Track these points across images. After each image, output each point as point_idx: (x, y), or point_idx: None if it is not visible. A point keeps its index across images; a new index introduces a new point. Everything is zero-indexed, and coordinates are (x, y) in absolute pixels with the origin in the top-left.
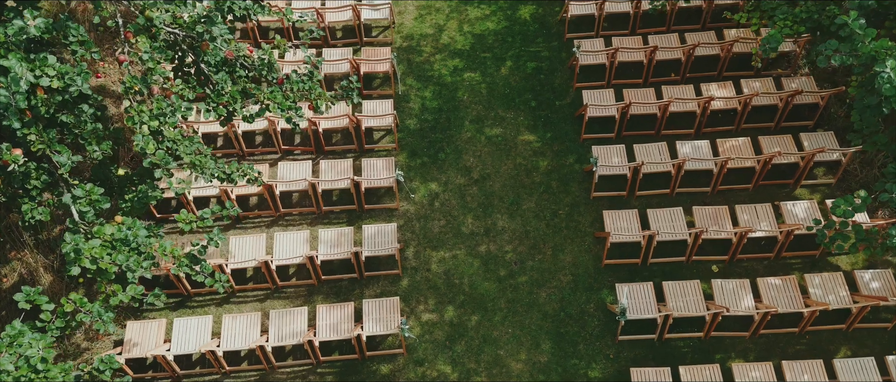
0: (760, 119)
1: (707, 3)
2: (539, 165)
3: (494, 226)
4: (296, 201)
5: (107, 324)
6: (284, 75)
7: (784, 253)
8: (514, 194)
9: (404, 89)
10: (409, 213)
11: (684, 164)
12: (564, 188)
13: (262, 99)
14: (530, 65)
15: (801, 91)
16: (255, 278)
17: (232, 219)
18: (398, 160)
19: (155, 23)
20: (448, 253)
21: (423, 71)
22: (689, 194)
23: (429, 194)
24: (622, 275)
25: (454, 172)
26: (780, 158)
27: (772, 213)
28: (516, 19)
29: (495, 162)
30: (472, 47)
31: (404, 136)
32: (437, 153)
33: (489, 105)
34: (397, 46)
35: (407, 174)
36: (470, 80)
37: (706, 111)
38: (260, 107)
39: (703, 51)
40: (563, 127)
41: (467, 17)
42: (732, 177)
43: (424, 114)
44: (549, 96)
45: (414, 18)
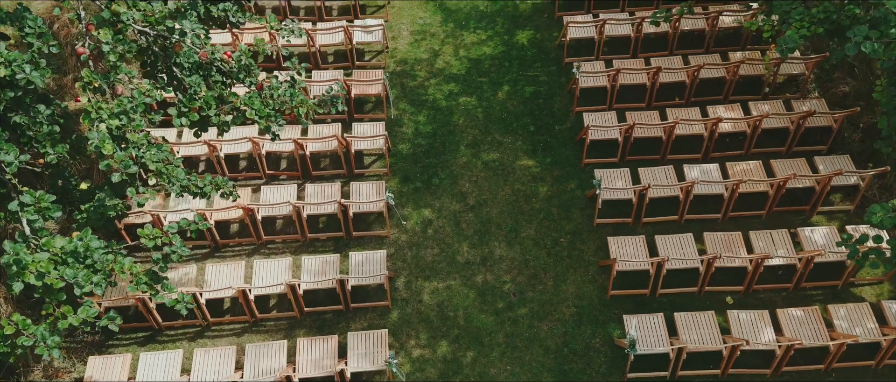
0: (771, 143)
1: (710, 26)
2: (539, 190)
3: (492, 255)
4: (279, 228)
5: (50, 349)
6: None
7: (804, 283)
8: (513, 221)
9: (397, 114)
10: (400, 241)
11: (693, 188)
12: (566, 215)
13: (239, 105)
14: (528, 89)
15: (814, 112)
16: (233, 310)
17: (210, 246)
18: (390, 185)
19: (122, 18)
20: (442, 284)
21: (418, 95)
22: (699, 222)
23: (422, 220)
24: (629, 307)
25: (449, 198)
26: (794, 181)
27: (789, 240)
28: (513, 44)
29: (492, 188)
30: (468, 72)
31: (396, 161)
32: (431, 178)
33: (486, 129)
34: (390, 70)
35: (399, 200)
36: (466, 104)
37: (714, 134)
38: (235, 114)
39: (708, 73)
40: (563, 152)
41: (463, 42)
42: (744, 203)
43: (418, 138)
44: (549, 121)
45: (408, 43)
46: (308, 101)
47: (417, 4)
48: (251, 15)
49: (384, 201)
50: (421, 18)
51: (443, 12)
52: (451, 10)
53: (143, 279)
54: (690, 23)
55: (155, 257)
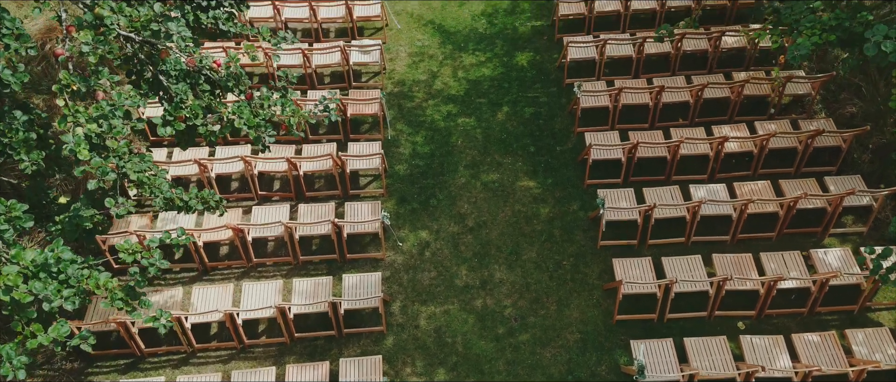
0: (779, 164)
1: (712, 47)
2: (540, 212)
3: (491, 278)
4: (270, 250)
5: (17, 370)
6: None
7: (818, 308)
8: (513, 244)
9: (394, 134)
10: (396, 263)
11: (700, 208)
12: (568, 237)
13: (227, 115)
14: (528, 110)
15: (823, 131)
16: (220, 335)
17: (198, 269)
18: (386, 206)
19: (105, 22)
20: (439, 308)
21: (415, 116)
22: (706, 244)
23: (418, 242)
24: (636, 332)
25: (447, 219)
26: (805, 202)
27: (801, 262)
28: (513, 66)
29: (492, 209)
30: (467, 93)
31: (393, 182)
32: (429, 200)
33: (485, 150)
34: (388, 91)
35: (395, 222)
36: (464, 125)
37: (720, 154)
38: (223, 124)
39: (712, 93)
40: (564, 173)
41: (462, 64)
42: (753, 224)
43: (415, 159)
44: (549, 142)
45: (406, 65)
46: (300, 110)
47: (416, 26)
48: (242, 26)
49: (380, 220)
50: (419, 40)
51: (441, 34)
52: (450, 32)
53: (119, 294)
54: (693, 43)
55: (132, 271)
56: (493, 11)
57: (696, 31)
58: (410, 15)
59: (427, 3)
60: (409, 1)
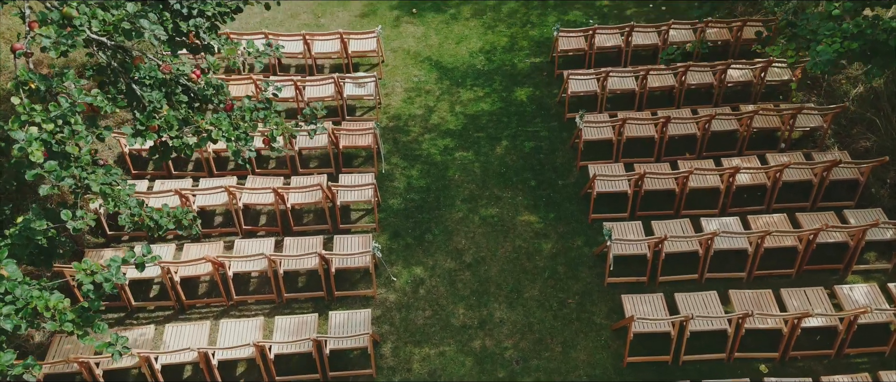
0: (793, 198)
1: (718, 80)
2: (542, 247)
3: (491, 317)
4: (253, 287)
5: None
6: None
7: (847, 349)
8: (514, 281)
9: (388, 168)
10: (388, 301)
11: (713, 241)
12: (573, 274)
13: (204, 126)
14: (528, 144)
15: (839, 161)
16: (194, 379)
17: (174, 307)
18: (378, 242)
19: (74, 23)
20: (434, 350)
21: (411, 150)
22: (721, 281)
23: (412, 279)
24: (649, 375)
25: (443, 255)
26: (826, 235)
27: (826, 299)
28: (512, 101)
29: (491, 244)
30: (465, 127)
31: (386, 216)
32: (424, 234)
33: (483, 184)
34: (383, 126)
35: (388, 258)
36: (462, 158)
37: (731, 187)
38: (200, 136)
39: (720, 125)
40: (567, 207)
41: (459, 99)
42: (770, 260)
43: (410, 193)
44: (551, 176)
45: (402, 99)
46: (285, 123)
47: (412, 63)
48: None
49: (371, 253)
50: (416, 76)
51: (438, 70)
52: (447, 67)
53: (69, 316)
54: (697, 77)
55: (85, 289)
56: (491, 48)
57: (701, 64)
58: (407, 52)
59: (424, 41)
60: (405, 38)
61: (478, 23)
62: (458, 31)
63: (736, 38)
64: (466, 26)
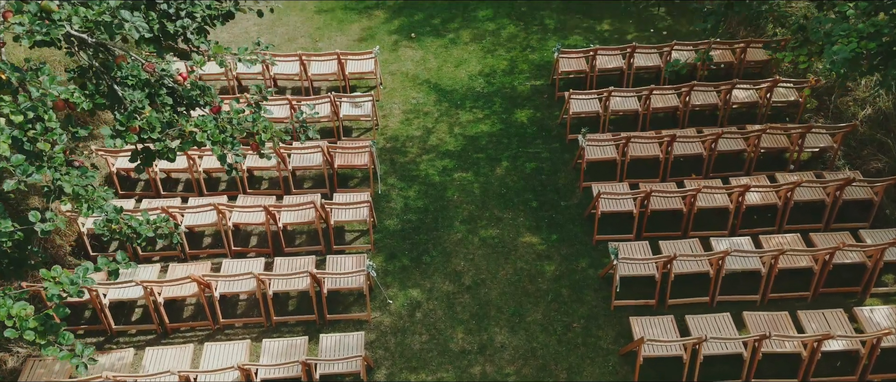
0: (805, 219)
1: (722, 101)
2: (545, 270)
3: (491, 342)
4: (241, 310)
5: None
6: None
7: (870, 376)
8: (516, 304)
9: (385, 189)
10: (382, 325)
11: (725, 261)
12: (578, 297)
13: (187, 128)
14: (529, 165)
15: (853, 179)
16: None
17: (157, 331)
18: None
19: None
20: (431, 376)
21: (408, 171)
22: (733, 304)
23: (409, 302)
24: None
25: (441, 277)
26: (842, 256)
27: (846, 321)
28: (512, 122)
29: (491, 266)
30: (464, 148)
31: (382, 237)
32: (421, 256)
33: (483, 205)
34: (380, 147)
35: (383, 280)
36: (461, 179)
37: (741, 207)
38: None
39: (726, 145)
40: (570, 229)
41: (458, 121)
42: (784, 283)
43: (407, 214)
44: (553, 197)
45: (400, 121)
46: (274, 126)
47: (411, 85)
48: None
49: (365, 272)
50: (414, 98)
51: (437, 92)
52: (446, 90)
53: (31, 324)
54: (702, 97)
55: (49, 294)
56: (491, 72)
57: (705, 84)
58: (405, 75)
59: (422, 64)
60: (403, 62)
61: (477, 47)
62: (457, 55)
63: (739, 60)
64: (465, 50)
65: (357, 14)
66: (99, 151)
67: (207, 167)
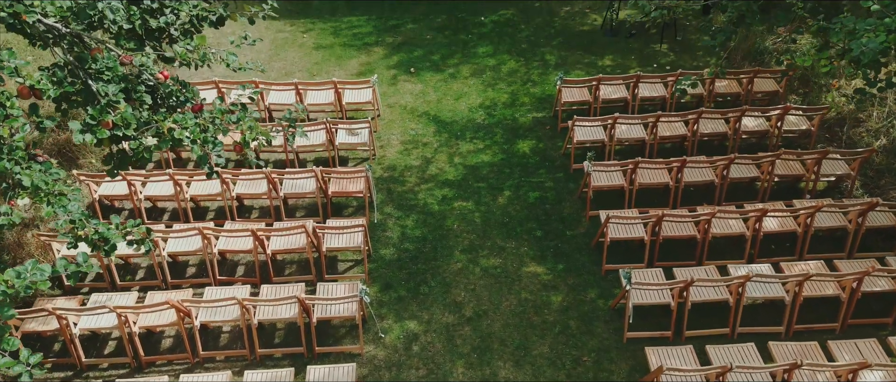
0: (826, 248)
1: (732, 131)
2: (551, 300)
3: (495, 377)
4: (223, 343)
5: None
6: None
7: None
8: (521, 337)
9: (381, 218)
10: (376, 359)
11: (745, 288)
12: (587, 329)
13: (165, 125)
14: (533, 195)
15: (877, 202)
16: None
17: (131, 365)
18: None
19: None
20: None
21: (406, 200)
22: (756, 336)
23: (405, 335)
24: None
25: (440, 308)
26: (871, 282)
27: (881, 351)
28: (514, 152)
29: (494, 297)
30: (464, 177)
31: (377, 267)
32: (419, 286)
33: (484, 234)
34: (377, 176)
35: (378, 311)
36: (461, 208)
37: (758, 234)
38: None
39: (739, 172)
40: (578, 258)
41: (458, 151)
42: (810, 314)
43: (404, 243)
44: (558, 226)
45: (398, 151)
46: (260, 127)
47: (410, 117)
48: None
49: (358, 298)
50: (413, 129)
51: (436, 124)
52: (446, 121)
53: None
54: (710, 126)
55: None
56: (491, 104)
57: (714, 111)
58: (403, 107)
59: (422, 97)
60: (402, 95)
61: (477, 81)
62: (457, 89)
63: (747, 91)
64: (465, 84)
65: (356, 50)
66: (80, 176)
67: (195, 194)
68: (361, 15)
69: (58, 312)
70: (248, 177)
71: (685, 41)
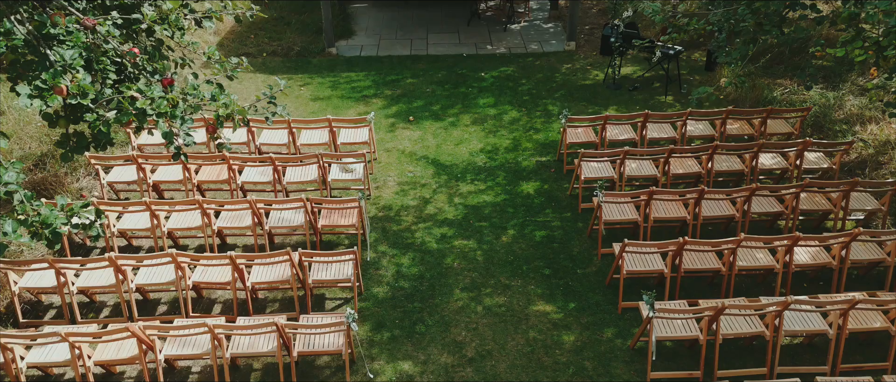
0: (863, 285)
1: (748, 168)
2: (563, 340)
3: None
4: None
5: None
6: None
7: None
8: (530, 379)
9: (375, 256)
10: None
11: (783, 320)
12: (605, 370)
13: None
14: (539, 234)
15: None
16: None
17: None
18: (356, 334)
19: None
20: None
21: (402, 239)
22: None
23: (398, 377)
24: None
25: (438, 348)
26: None
27: None
28: (517, 193)
29: (499, 337)
30: (465, 217)
31: (369, 305)
32: (414, 326)
33: (487, 272)
34: (372, 216)
35: (368, 352)
36: (462, 247)
37: (789, 267)
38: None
39: (760, 206)
40: (591, 297)
41: (458, 191)
42: (855, 354)
43: (399, 281)
44: (568, 264)
45: (394, 192)
46: (237, 104)
47: (408, 161)
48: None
49: (346, 327)
50: (410, 171)
51: (435, 166)
52: (445, 165)
53: None
54: (725, 163)
55: None
56: (493, 149)
57: (728, 144)
58: (401, 152)
59: (420, 142)
60: (400, 140)
61: (478, 128)
62: (458, 135)
63: (760, 132)
64: (466, 131)
65: (354, 101)
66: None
67: (173, 227)
68: (360, 71)
69: (3, 342)
70: (232, 208)
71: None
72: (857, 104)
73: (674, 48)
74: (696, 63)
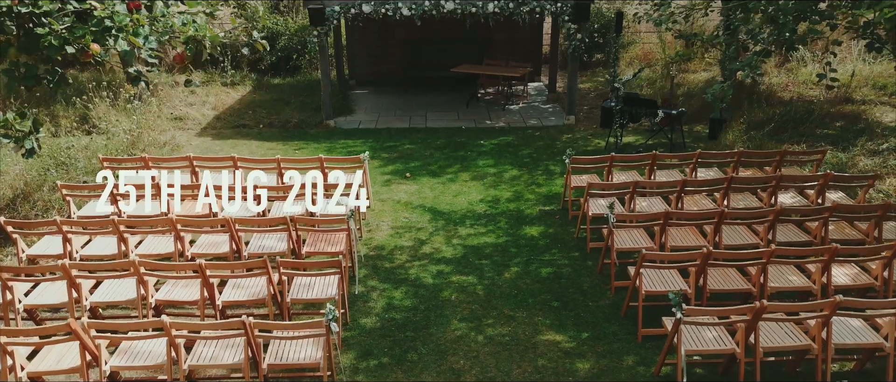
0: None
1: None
2: (577, 368)
3: None
4: None
5: None
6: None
7: None
8: None
9: (363, 290)
10: None
11: (831, 328)
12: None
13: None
14: (545, 271)
15: None
16: None
17: None
18: (340, 362)
19: None
20: None
21: (394, 275)
22: None
23: None
24: None
25: (432, 375)
26: None
27: None
28: (520, 235)
29: (503, 364)
30: (465, 256)
31: (356, 334)
32: (405, 353)
33: (489, 304)
34: (362, 254)
35: (351, 378)
36: (461, 282)
37: (827, 288)
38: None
39: (784, 235)
40: (606, 327)
41: (457, 234)
42: None
43: (390, 312)
44: (578, 297)
45: (388, 235)
46: (210, 30)
47: (404, 209)
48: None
49: (325, 329)
50: (406, 217)
51: (432, 213)
52: (443, 212)
53: None
54: (742, 201)
55: None
56: (494, 199)
57: (743, 179)
58: (397, 201)
59: (417, 194)
60: (396, 192)
61: (478, 183)
62: (456, 189)
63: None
64: (465, 185)
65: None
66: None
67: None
68: (357, 139)
69: None
70: (210, 230)
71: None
72: (870, 164)
73: (676, 110)
74: (699, 134)
